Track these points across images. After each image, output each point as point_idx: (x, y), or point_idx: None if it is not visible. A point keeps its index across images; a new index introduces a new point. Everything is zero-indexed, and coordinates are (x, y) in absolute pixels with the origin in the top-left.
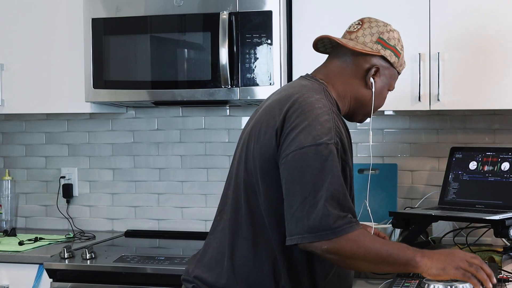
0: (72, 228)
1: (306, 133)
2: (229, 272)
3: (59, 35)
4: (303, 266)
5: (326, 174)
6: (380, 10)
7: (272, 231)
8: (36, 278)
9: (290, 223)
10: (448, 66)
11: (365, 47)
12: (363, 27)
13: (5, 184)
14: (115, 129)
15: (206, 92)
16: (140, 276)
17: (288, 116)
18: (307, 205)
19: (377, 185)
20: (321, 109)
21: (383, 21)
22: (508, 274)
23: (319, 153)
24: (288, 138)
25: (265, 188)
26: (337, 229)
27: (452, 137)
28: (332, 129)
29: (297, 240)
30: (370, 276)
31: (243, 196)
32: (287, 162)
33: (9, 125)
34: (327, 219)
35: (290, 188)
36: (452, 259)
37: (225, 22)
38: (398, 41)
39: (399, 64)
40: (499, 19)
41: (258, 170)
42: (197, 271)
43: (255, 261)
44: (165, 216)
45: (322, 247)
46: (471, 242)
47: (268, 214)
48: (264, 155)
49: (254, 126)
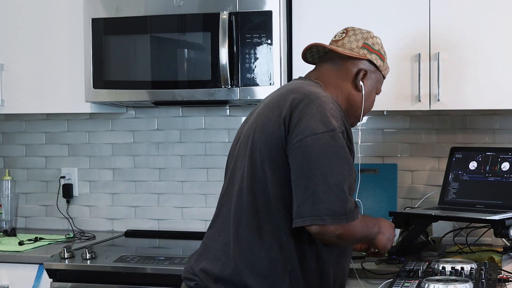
0: (72, 228)
1: (317, 119)
2: (236, 261)
3: (59, 35)
4: (310, 250)
5: (341, 160)
6: (380, 10)
7: (279, 216)
8: (36, 278)
9: (304, 204)
10: (448, 66)
11: (353, 52)
12: (348, 35)
13: (5, 184)
14: (115, 129)
15: (206, 92)
16: (140, 276)
17: (295, 105)
18: (325, 188)
19: (377, 185)
20: (326, 98)
21: (365, 29)
22: (508, 274)
23: (332, 139)
24: (300, 124)
25: (272, 174)
26: (349, 216)
27: (452, 137)
28: (339, 118)
29: (311, 221)
30: (370, 276)
31: (245, 186)
32: (301, 146)
33: (9, 125)
34: (345, 204)
35: (306, 171)
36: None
37: (225, 22)
38: (381, 47)
39: (384, 67)
40: (499, 19)
41: (265, 157)
42: (201, 264)
43: (261, 247)
44: (165, 216)
45: (336, 232)
46: (471, 242)
47: (276, 199)
48: (270, 142)
49: (256, 120)
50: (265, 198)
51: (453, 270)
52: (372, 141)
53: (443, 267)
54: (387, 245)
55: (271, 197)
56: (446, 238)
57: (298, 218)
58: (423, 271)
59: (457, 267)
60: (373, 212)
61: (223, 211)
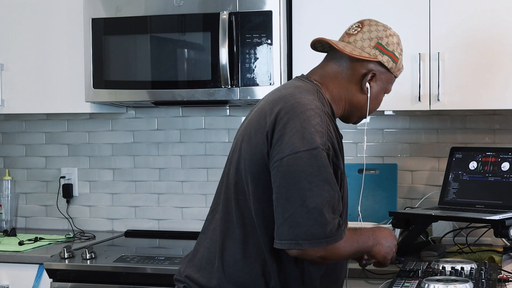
0: (72, 228)
1: (299, 136)
2: (220, 273)
3: (59, 35)
4: (293, 267)
5: (322, 181)
6: (380, 10)
7: (260, 232)
8: (36, 278)
9: (282, 227)
10: (448, 66)
11: (363, 53)
12: (362, 30)
13: (5, 184)
14: (115, 129)
15: (206, 92)
16: (140, 276)
17: (279, 118)
18: (303, 212)
19: (377, 185)
20: (313, 111)
21: (383, 24)
22: (508, 274)
23: (313, 158)
24: (281, 141)
25: (254, 189)
26: (330, 238)
27: (452, 137)
28: (324, 134)
29: (289, 246)
30: (370, 276)
31: (233, 197)
32: (281, 165)
33: (9, 125)
34: (324, 227)
35: (284, 192)
36: (389, 251)
37: (225, 22)
38: (398, 46)
39: (397, 69)
40: (499, 19)
41: (248, 171)
42: (188, 270)
43: (245, 261)
44: (165, 216)
45: (316, 254)
46: (471, 242)
47: (257, 214)
48: (254, 156)
49: (246, 127)
50: (249, 213)
51: (453, 270)
52: (372, 141)
53: (443, 267)
54: (387, 255)
55: (252, 212)
56: (446, 238)
57: (277, 240)
58: (423, 271)
59: (457, 267)
60: (373, 212)
61: (216, 218)
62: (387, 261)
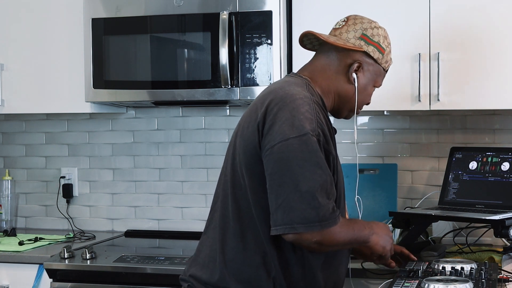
0: (72, 228)
1: (289, 124)
2: (222, 268)
3: (59, 35)
4: (293, 256)
5: (313, 165)
6: (380, 11)
7: (260, 223)
8: (36, 278)
9: (277, 213)
10: (448, 66)
11: (347, 43)
12: (347, 23)
13: (5, 184)
14: (115, 129)
15: (206, 92)
16: (140, 276)
17: (270, 109)
18: (296, 196)
19: (377, 185)
20: (302, 100)
21: (369, 18)
22: (508, 274)
23: (303, 144)
24: (272, 130)
25: (250, 181)
26: (324, 222)
27: (452, 137)
28: (314, 120)
29: (284, 230)
30: (370, 276)
31: (230, 192)
32: (273, 153)
33: (9, 125)
34: (318, 211)
35: (277, 179)
36: (386, 241)
37: (225, 22)
38: (385, 38)
39: (384, 60)
40: (499, 19)
41: (243, 164)
42: (192, 270)
43: (245, 254)
44: (165, 216)
45: (312, 239)
46: (471, 242)
47: (255, 206)
48: (247, 149)
49: (240, 123)
50: (247, 205)
51: (453, 270)
52: (372, 141)
53: (443, 267)
54: (386, 245)
55: (251, 204)
56: (446, 238)
57: (272, 227)
58: (423, 271)
59: (457, 267)
60: (373, 212)
61: (215, 216)
62: (386, 252)
